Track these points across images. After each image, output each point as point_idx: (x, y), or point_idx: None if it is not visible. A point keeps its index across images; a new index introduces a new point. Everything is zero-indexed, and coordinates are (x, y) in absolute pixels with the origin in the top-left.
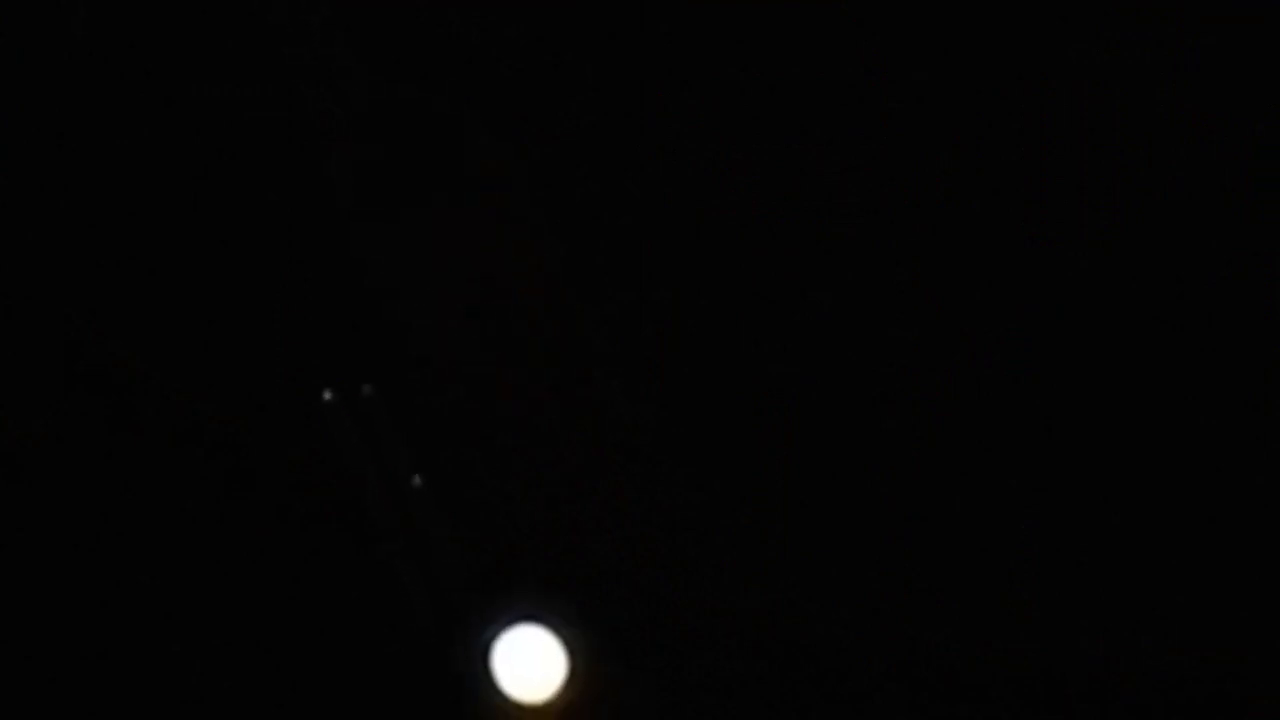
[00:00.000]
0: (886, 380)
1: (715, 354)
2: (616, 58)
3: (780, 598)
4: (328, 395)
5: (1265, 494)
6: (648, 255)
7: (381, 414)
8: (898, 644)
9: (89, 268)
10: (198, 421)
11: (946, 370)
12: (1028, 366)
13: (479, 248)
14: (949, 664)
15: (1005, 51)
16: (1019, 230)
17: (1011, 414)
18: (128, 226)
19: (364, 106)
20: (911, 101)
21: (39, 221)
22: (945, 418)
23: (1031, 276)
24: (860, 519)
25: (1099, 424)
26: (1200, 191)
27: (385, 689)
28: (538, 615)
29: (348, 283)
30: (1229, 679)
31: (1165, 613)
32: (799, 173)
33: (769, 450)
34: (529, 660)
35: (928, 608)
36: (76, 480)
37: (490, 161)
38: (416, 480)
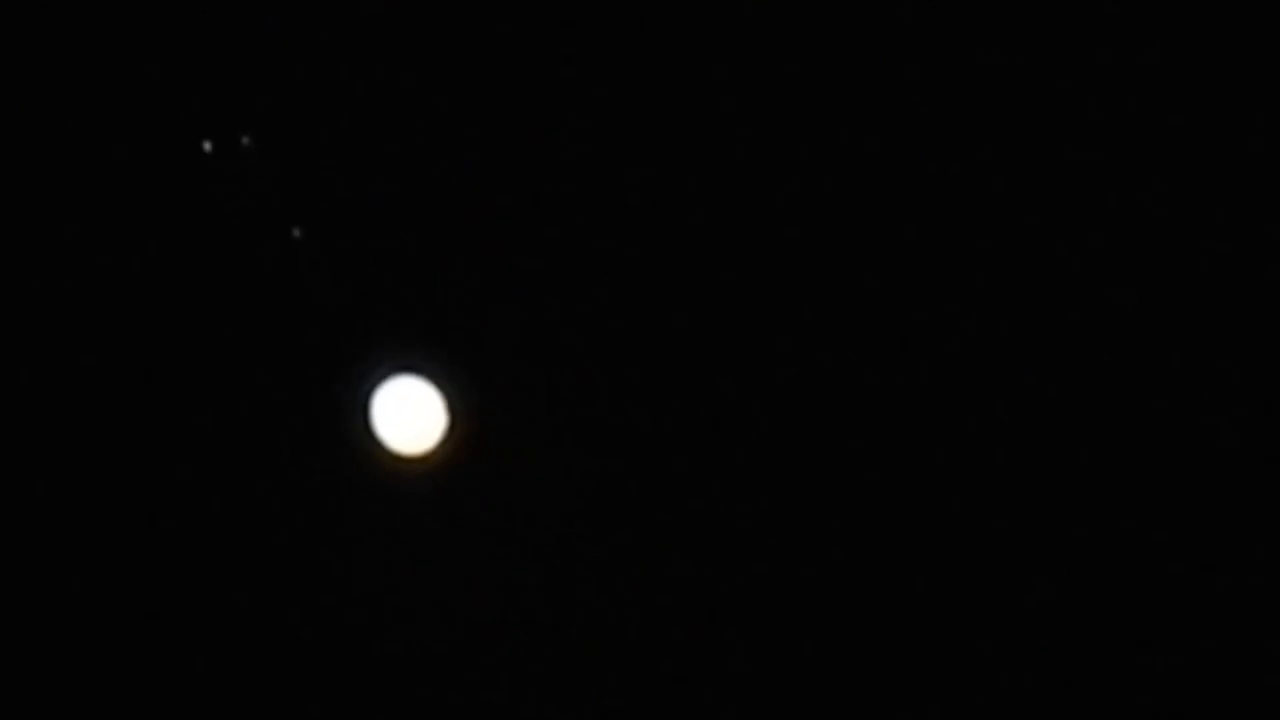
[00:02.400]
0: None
1: None
2: (614, 57)
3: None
4: (207, 147)
5: (1265, 494)
6: None
7: (261, 165)
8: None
9: None
10: None
11: (945, 370)
12: (1027, 366)
13: None
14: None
15: (1006, 51)
16: (1018, 230)
17: (1012, 414)
18: None
19: None
20: (911, 102)
21: None
22: (945, 417)
23: (1031, 277)
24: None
25: (1098, 424)
26: (1200, 191)
27: (264, 440)
28: (417, 367)
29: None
30: (1229, 679)
31: (1165, 613)
32: (797, 173)
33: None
34: (408, 412)
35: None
36: None
37: None
38: (296, 232)
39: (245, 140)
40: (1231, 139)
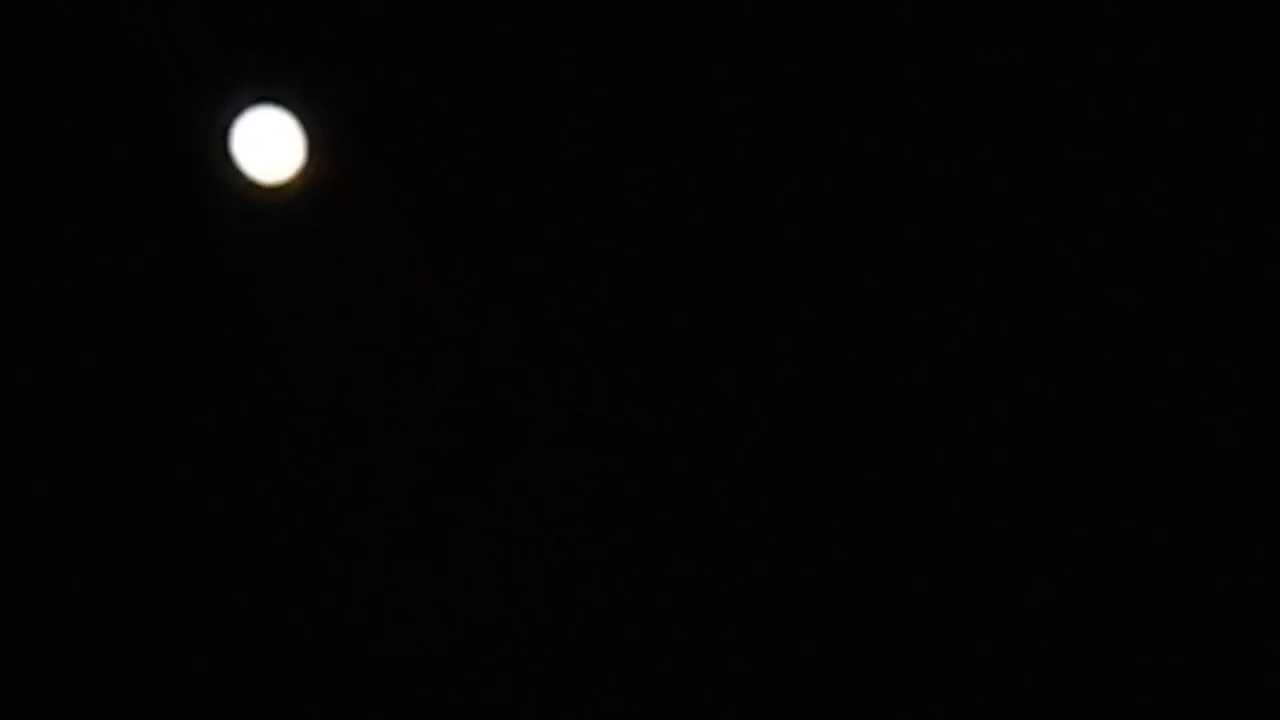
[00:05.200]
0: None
1: None
2: (608, 57)
3: None
4: None
5: (1266, 494)
6: None
7: None
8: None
9: None
10: None
11: (945, 370)
12: (1028, 366)
13: None
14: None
15: (1006, 51)
16: (1018, 230)
17: (1012, 414)
18: None
19: None
20: (911, 102)
21: None
22: (945, 417)
23: (1031, 277)
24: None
25: (1099, 424)
26: (1200, 191)
27: (125, 173)
28: (276, 97)
29: None
30: (1229, 679)
31: (1165, 613)
32: (797, 173)
33: None
34: (267, 141)
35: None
36: None
37: None
38: None
39: None
40: (1232, 139)
